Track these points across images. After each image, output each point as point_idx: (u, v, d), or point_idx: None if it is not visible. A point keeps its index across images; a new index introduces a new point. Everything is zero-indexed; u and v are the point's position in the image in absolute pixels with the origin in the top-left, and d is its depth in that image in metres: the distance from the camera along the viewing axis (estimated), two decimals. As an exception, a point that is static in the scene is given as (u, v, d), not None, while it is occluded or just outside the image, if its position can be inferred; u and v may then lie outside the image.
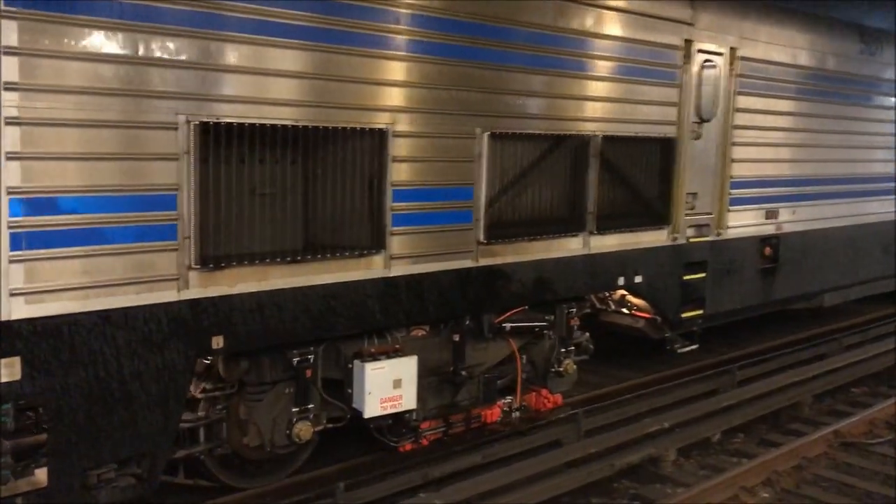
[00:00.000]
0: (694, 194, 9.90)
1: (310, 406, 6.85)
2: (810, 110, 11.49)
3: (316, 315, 6.52)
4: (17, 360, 5.07)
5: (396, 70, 6.78)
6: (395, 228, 6.94)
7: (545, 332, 8.67)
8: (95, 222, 5.31)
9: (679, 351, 10.26)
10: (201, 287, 5.85)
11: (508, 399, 8.53)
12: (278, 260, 6.21)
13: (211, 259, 5.84)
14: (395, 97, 6.80)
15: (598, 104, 8.51)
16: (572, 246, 8.50)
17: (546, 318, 8.61)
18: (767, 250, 11.16)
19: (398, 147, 6.85)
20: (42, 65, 4.99)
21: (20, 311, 5.05)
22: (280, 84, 6.09)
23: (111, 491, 5.66)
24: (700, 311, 10.22)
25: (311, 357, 6.76)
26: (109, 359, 5.47)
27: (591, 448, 8.19)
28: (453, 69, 7.16)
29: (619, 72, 8.66)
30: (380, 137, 6.69)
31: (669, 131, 9.38)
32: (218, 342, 5.99)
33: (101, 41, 5.20)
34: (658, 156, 9.30)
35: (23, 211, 5.01)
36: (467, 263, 7.55)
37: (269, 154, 6.15)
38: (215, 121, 5.73)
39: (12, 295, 5.01)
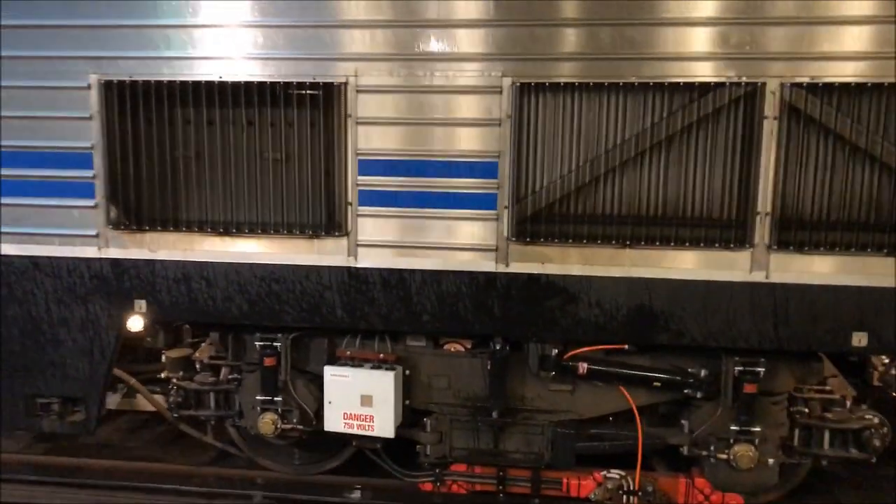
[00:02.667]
0: None
1: (275, 399, 6.08)
2: None
3: (254, 298, 5.75)
4: (-33, 289, 6.05)
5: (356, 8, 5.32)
6: (364, 209, 5.52)
7: (696, 392, 5.65)
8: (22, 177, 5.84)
9: None
10: (121, 248, 5.82)
11: (616, 474, 5.88)
12: (206, 230, 5.70)
13: (130, 221, 5.76)
14: (357, 42, 5.35)
15: (780, 30, 4.95)
16: (725, 265, 5.25)
17: (692, 371, 5.60)
18: None
19: (364, 105, 5.40)
20: None
21: (-35, 248, 5.98)
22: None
23: (53, 422, 6.21)
24: None
25: (276, 345, 5.98)
26: (39, 301, 5.99)
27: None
28: (450, -4, 5.22)
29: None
30: (332, 93, 5.39)
31: None
32: (141, 306, 5.89)
33: None
34: None
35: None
36: (488, 266, 5.47)
37: (193, 113, 5.63)
38: (118, 79, 5.57)
39: (-42, 233, 5.97)
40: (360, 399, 5.75)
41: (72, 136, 5.70)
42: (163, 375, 6.62)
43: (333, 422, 5.84)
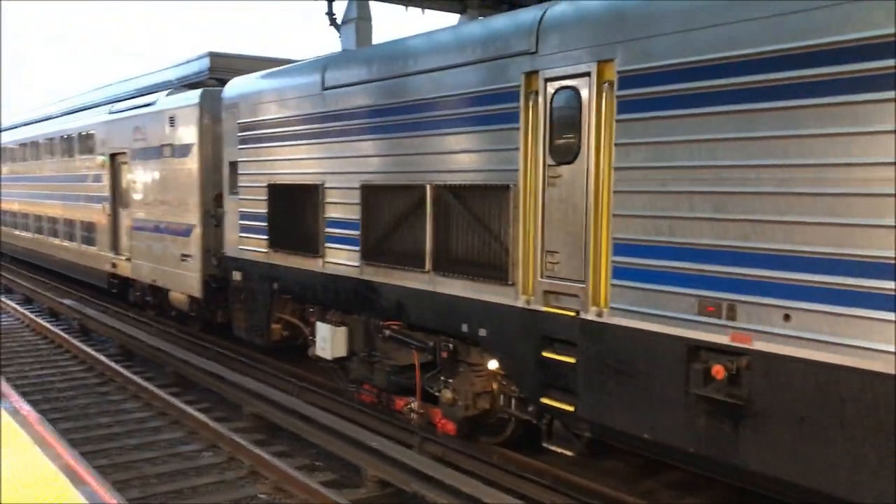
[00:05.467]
0: (553, 252, 8.01)
1: (316, 340, 12.23)
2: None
3: (301, 286, 12.14)
4: (239, 273, 13.84)
5: (326, 148, 11.41)
6: (328, 244, 11.50)
7: (428, 355, 10.03)
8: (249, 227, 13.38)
9: (546, 445, 8.12)
10: (272, 258, 12.84)
11: (411, 399, 10.48)
12: (287, 250, 12.37)
13: (273, 244, 12.76)
14: (324, 164, 11.43)
15: (430, 157, 9.42)
16: (420, 281, 9.73)
17: (426, 342, 10.03)
18: (719, 371, 6.59)
19: (327, 195, 11.43)
20: None
21: (241, 255, 13.75)
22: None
23: (259, 337, 13.48)
24: (569, 407, 7.86)
25: (314, 311, 12.21)
26: (251, 280, 13.41)
27: None
28: (349, 145, 10.93)
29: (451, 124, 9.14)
30: (316, 190, 11.57)
31: (507, 178, 8.42)
32: (276, 286, 12.79)
33: None
34: (498, 205, 8.58)
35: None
36: (356, 275, 10.87)
37: (286, 199, 12.36)
38: (276, 184, 12.68)
39: (240, 249, 13.76)
40: (323, 339, 11.62)
41: (258, 208, 13.03)
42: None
43: (317, 350, 11.80)
